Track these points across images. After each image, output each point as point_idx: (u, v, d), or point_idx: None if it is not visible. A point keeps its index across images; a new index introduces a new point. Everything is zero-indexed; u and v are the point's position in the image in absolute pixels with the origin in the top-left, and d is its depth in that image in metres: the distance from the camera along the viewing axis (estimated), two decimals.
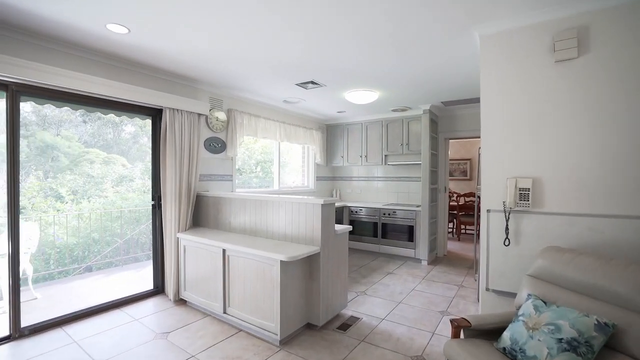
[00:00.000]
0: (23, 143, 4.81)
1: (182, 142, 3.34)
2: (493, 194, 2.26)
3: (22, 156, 4.00)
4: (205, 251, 2.93)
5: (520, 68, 2.15)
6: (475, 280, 3.53)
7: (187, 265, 3.13)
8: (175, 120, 3.29)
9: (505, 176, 2.19)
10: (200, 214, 3.60)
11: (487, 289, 2.25)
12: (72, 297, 3.44)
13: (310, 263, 2.61)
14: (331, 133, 5.99)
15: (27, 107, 4.84)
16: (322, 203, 2.52)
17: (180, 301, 3.22)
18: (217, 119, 3.92)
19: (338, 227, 2.85)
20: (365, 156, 5.56)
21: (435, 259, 5.02)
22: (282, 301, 2.36)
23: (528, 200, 2.07)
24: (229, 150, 4.03)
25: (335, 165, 5.96)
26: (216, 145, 3.94)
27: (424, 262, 4.73)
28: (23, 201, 4.42)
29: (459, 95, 4.15)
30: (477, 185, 3.53)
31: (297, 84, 3.74)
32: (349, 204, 5.44)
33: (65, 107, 2.84)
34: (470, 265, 4.65)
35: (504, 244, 2.16)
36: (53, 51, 2.60)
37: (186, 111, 3.39)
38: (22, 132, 2.78)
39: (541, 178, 2.07)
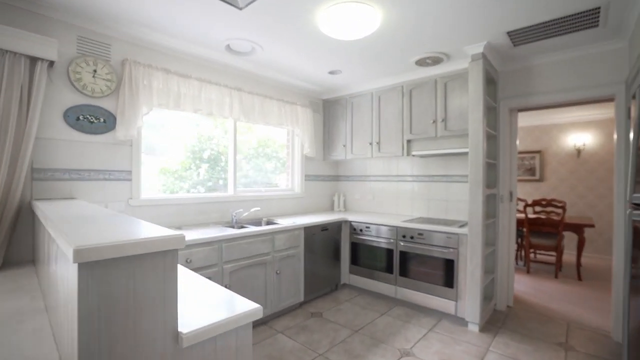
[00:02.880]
0: None
1: None
2: None
3: None
4: None
5: None
6: None
7: None
8: None
9: None
10: (38, 242, 1.96)
11: None
12: None
13: None
14: (330, 112, 4.11)
15: None
16: None
17: None
18: (94, 74, 2.26)
19: (211, 313, 1.00)
20: (377, 143, 3.60)
21: (494, 318, 2.90)
22: None
23: None
24: (122, 128, 2.35)
25: (335, 158, 4.06)
26: (93, 120, 2.29)
27: (473, 327, 2.66)
28: None
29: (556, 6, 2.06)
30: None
31: None
32: (349, 218, 3.51)
33: None
34: (561, 340, 2.48)
35: None
36: None
37: None
38: None
39: None
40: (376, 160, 4.00)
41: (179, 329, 0.86)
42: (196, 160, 3.08)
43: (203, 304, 1.05)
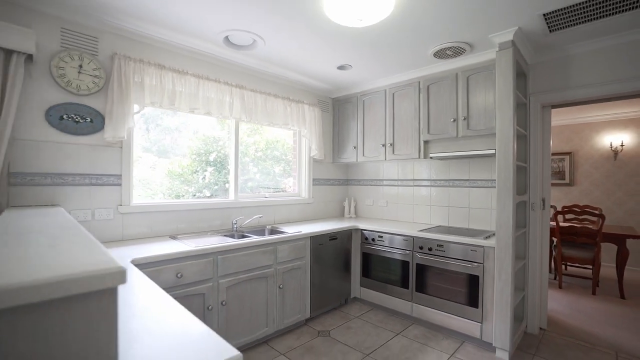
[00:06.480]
0: None
1: None
2: None
3: None
4: None
5: None
6: None
7: None
8: None
9: None
10: None
11: None
12: None
13: None
14: (339, 111, 3.84)
15: None
16: None
17: None
18: (79, 69, 2.08)
19: None
20: (391, 145, 3.30)
21: (525, 343, 2.55)
22: None
23: None
24: (110, 128, 2.16)
25: (345, 161, 3.78)
26: (78, 119, 2.10)
27: (502, 354, 2.32)
28: None
29: None
30: None
31: None
32: (361, 226, 3.23)
33: None
34: None
35: None
36: None
37: None
38: None
39: None
40: (390, 163, 3.70)
41: None
42: (202, 163, 2.91)
43: (164, 347, 0.80)
